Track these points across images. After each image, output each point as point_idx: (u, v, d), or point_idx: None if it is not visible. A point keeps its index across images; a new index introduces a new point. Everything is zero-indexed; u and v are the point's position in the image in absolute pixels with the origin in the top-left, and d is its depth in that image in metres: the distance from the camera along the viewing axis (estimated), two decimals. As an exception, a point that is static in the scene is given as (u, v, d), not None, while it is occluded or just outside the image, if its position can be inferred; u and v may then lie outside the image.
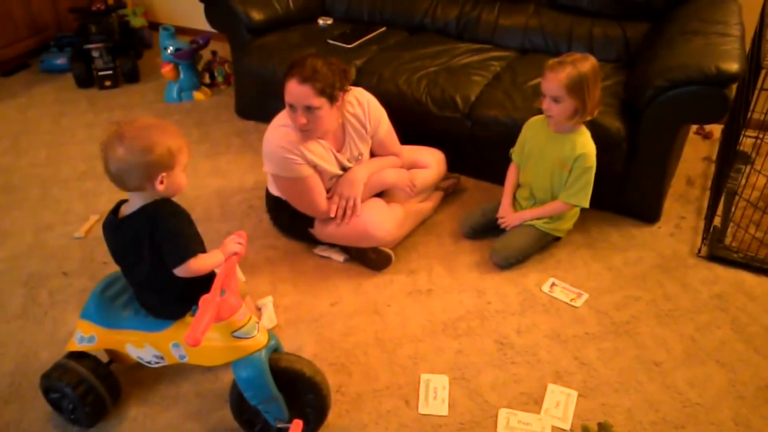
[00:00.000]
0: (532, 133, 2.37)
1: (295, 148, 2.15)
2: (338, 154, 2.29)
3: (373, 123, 2.34)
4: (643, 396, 1.86)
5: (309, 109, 2.07)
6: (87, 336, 1.72)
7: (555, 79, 2.11)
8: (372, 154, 2.43)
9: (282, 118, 2.22)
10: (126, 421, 1.81)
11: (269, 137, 2.20)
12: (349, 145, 2.31)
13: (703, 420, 1.78)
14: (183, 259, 1.50)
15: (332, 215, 2.27)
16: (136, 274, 1.63)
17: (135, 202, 1.54)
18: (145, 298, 1.68)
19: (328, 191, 2.30)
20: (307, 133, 2.15)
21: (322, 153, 2.23)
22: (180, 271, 1.52)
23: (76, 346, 1.73)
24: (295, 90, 2.05)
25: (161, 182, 1.49)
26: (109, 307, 1.70)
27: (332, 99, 2.11)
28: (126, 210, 1.56)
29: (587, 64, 2.13)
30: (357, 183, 2.29)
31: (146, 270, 1.56)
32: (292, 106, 2.09)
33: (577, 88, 2.11)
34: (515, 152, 2.44)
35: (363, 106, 2.31)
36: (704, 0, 2.72)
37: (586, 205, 2.29)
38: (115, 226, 1.57)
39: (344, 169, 2.33)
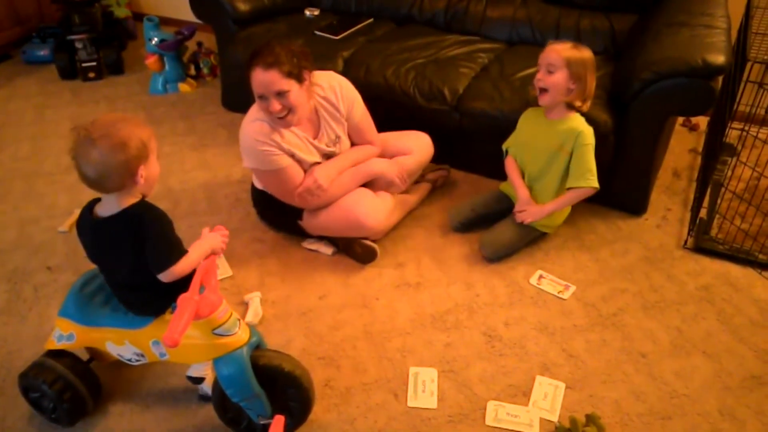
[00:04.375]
0: (527, 124, 2.37)
1: (270, 140, 2.14)
2: (315, 141, 2.27)
3: (347, 104, 2.30)
4: (630, 387, 1.87)
5: (280, 94, 2.06)
6: (66, 334, 1.69)
7: (555, 50, 2.15)
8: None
9: (255, 112, 2.20)
10: (112, 417, 1.79)
11: (244, 132, 2.19)
12: (324, 129, 2.29)
13: (689, 411, 1.80)
14: (167, 265, 1.48)
15: (297, 193, 2.24)
16: (116, 275, 1.60)
17: (111, 203, 1.49)
18: (125, 296, 1.65)
19: None
20: (284, 120, 2.12)
21: (297, 142, 2.21)
22: (164, 276, 1.49)
23: (54, 344, 1.71)
24: (261, 78, 2.04)
25: (141, 176, 1.45)
26: (87, 305, 1.68)
27: (299, 79, 2.09)
28: (102, 211, 1.52)
29: (587, 51, 2.18)
30: (331, 168, 2.28)
31: (126, 271, 1.54)
32: (262, 97, 2.08)
33: (574, 64, 2.13)
34: (511, 144, 2.43)
35: (334, 89, 2.28)
36: (691, -8, 2.73)
37: (597, 185, 2.25)
38: (93, 227, 1.54)
39: (326, 155, 2.31)
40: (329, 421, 1.78)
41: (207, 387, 1.79)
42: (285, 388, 1.66)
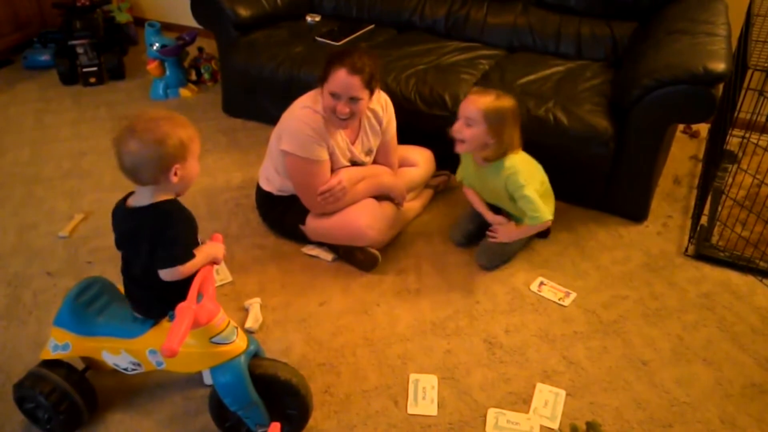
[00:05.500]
0: (466, 163, 2.36)
1: (321, 129, 2.19)
2: (352, 147, 2.33)
3: (386, 119, 2.40)
4: (630, 395, 1.87)
5: (353, 99, 2.13)
6: (61, 344, 1.68)
7: (475, 102, 2.11)
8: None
9: (309, 101, 2.24)
10: (112, 425, 1.78)
11: (296, 115, 2.22)
12: (362, 138, 2.36)
13: (690, 419, 1.80)
14: (174, 263, 1.49)
15: (320, 191, 2.25)
16: (132, 267, 1.62)
17: (144, 195, 1.52)
18: (134, 291, 1.66)
19: None
20: (343, 122, 2.19)
21: (339, 142, 2.27)
22: (166, 274, 1.50)
23: (50, 354, 1.69)
24: (345, 80, 2.10)
25: (175, 174, 1.48)
26: (83, 314, 1.66)
27: (372, 92, 2.19)
28: (133, 202, 1.55)
29: (509, 101, 2.14)
30: (354, 174, 2.32)
31: (140, 265, 1.55)
32: (335, 95, 2.13)
33: (493, 118, 2.10)
34: (462, 177, 2.41)
35: (382, 104, 2.39)
36: (691, 0, 2.74)
37: (548, 217, 2.21)
38: (122, 215, 1.57)
39: (356, 161, 2.37)
40: (329, 428, 1.77)
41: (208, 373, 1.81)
42: (282, 396, 1.65)
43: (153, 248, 1.50)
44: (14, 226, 2.58)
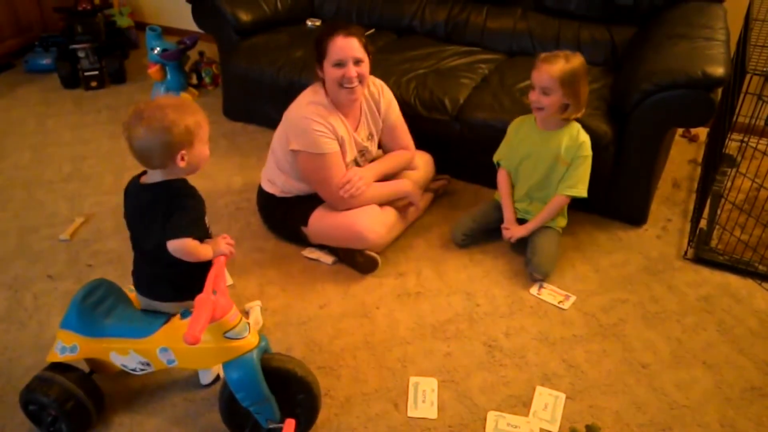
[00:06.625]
0: (523, 135, 2.37)
1: (326, 122, 2.21)
2: (354, 133, 2.34)
3: (385, 104, 2.42)
4: (630, 398, 1.87)
5: (357, 62, 2.17)
6: (69, 346, 1.68)
7: (548, 71, 2.15)
8: (384, 149, 2.52)
9: (310, 95, 2.27)
10: (114, 427, 1.78)
11: (300, 113, 2.24)
12: (363, 123, 2.38)
13: (689, 422, 1.80)
14: (181, 234, 1.52)
15: (340, 183, 2.27)
16: (142, 243, 1.64)
17: (155, 177, 1.58)
18: (141, 268, 1.69)
19: None
20: (352, 90, 2.20)
21: (344, 131, 2.29)
22: (173, 245, 1.52)
23: (57, 356, 1.69)
24: (344, 43, 2.16)
25: (182, 159, 1.53)
26: (90, 315, 1.67)
27: (368, 56, 2.24)
28: (147, 180, 1.60)
29: (578, 60, 2.19)
30: (371, 173, 2.36)
31: (153, 241, 1.58)
32: (340, 63, 2.17)
33: (568, 81, 2.15)
34: (503, 157, 2.44)
35: (378, 87, 2.42)
36: (690, 4, 2.75)
37: (585, 194, 2.29)
38: (136, 191, 1.61)
39: (361, 149, 2.39)
40: (329, 431, 1.77)
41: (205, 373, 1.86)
42: (296, 393, 1.66)
43: (165, 221, 1.54)
44: (15, 229, 2.59)
